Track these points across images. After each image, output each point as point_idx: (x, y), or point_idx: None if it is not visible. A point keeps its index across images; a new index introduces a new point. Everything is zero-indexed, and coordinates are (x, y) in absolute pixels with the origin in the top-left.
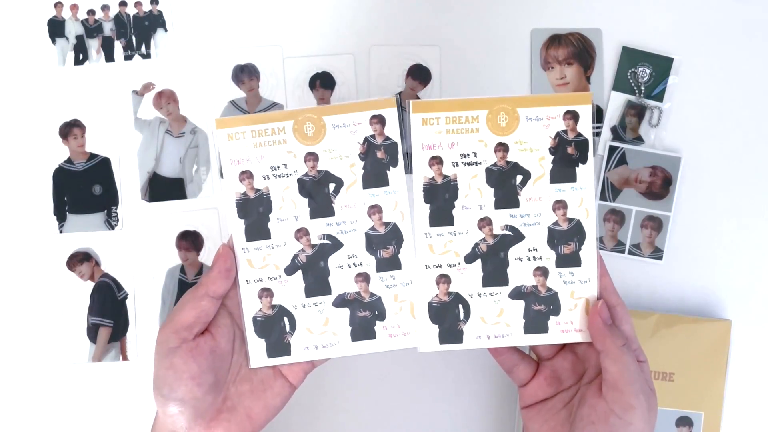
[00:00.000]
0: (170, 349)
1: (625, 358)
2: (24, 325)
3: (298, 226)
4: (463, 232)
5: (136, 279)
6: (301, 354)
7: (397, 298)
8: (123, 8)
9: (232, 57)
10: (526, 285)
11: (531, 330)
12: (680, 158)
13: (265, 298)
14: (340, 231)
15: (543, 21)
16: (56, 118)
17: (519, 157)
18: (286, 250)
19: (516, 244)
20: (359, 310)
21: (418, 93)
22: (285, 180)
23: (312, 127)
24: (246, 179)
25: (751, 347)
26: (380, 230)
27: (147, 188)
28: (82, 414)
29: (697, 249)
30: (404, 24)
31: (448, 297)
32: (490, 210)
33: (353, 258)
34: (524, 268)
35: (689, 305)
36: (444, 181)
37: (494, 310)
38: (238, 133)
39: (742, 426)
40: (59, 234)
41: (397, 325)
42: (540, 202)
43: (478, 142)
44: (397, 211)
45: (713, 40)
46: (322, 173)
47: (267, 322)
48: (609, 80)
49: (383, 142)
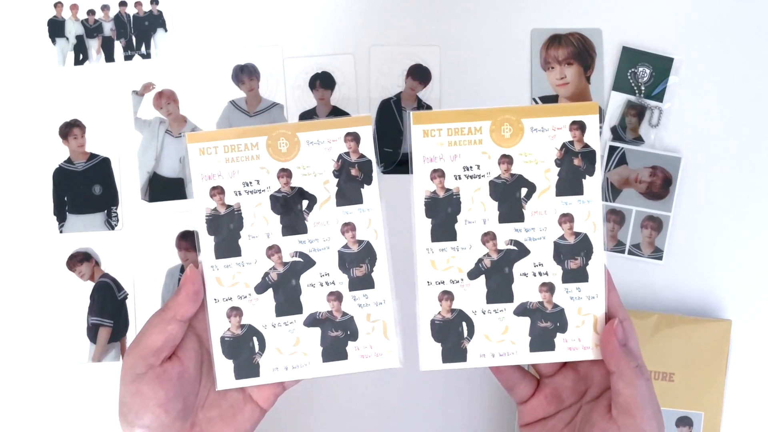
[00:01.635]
0: (137, 375)
1: (639, 382)
2: (24, 325)
3: (270, 243)
4: (467, 247)
5: (136, 279)
6: (270, 375)
7: (369, 318)
8: (123, 8)
9: (232, 57)
10: (532, 301)
11: (537, 348)
12: (680, 158)
13: (234, 317)
14: (312, 249)
15: (543, 21)
16: (56, 118)
17: (524, 169)
18: (257, 267)
19: (521, 259)
20: (331, 329)
21: (417, 93)
22: (257, 196)
23: (286, 143)
24: (217, 195)
25: (751, 347)
26: (353, 248)
27: (147, 188)
28: (82, 414)
29: (697, 249)
30: (404, 24)
31: (451, 314)
32: (494, 224)
33: (325, 276)
34: (530, 283)
35: (689, 305)
36: (446, 194)
37: (499, 327)
38: (210, 148)
39: (742, 426)
40: (59, 234)
41: (370, 346)
42: (545, 216)
43: (481, 154)
44: (370, 229)
45: (713, 40)
46: (296, 189)
47: (235, 342)
48: (609, 80)
49: (357, 159)
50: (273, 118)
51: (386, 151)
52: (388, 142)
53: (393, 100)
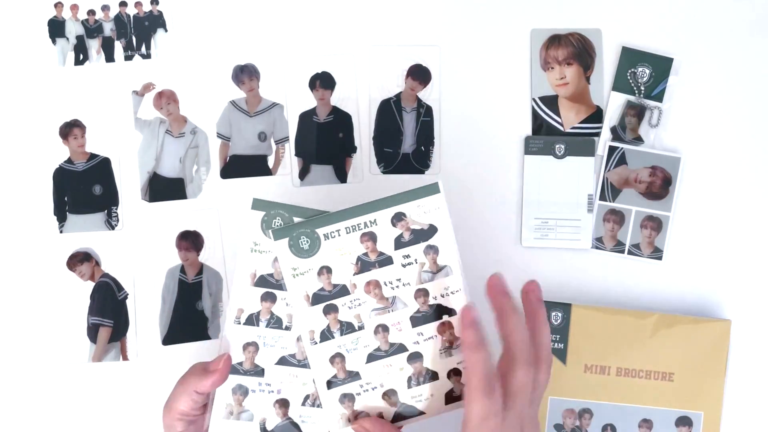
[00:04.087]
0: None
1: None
2: (24, 325)
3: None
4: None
5: (136, 279)
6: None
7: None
8: (123, 8)
9: (232, 57)
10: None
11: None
12: (680, 158)
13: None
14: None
15: (543, 21)
16: (56, 118)
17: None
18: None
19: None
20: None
21: (417, 93)
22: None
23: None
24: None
25: (751, 347)
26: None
27: (147, 188)
28: (82, 414)
29: (696, 249)
30: (404, 24)
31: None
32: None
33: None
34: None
35: (689, 305)
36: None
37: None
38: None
39: (742, 426)
40: (59, 234)
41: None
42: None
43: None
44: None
45: (713, 40)
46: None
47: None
48: (609, 80)
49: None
50: (273, 118)
51: (386, 151)
52: (388, 142)
53: (393, 100)
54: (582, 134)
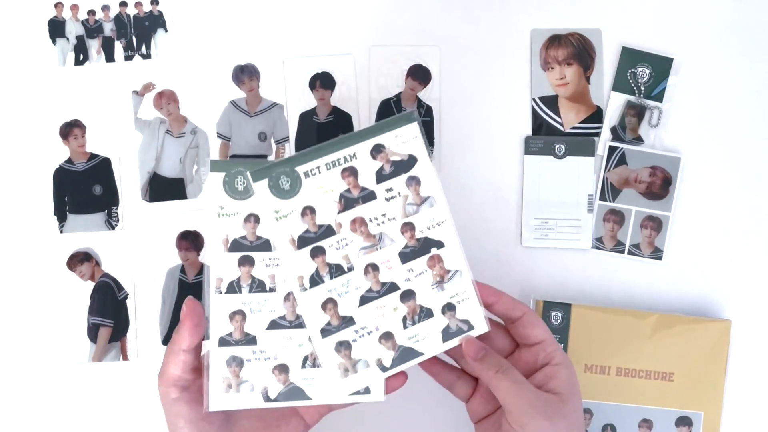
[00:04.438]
0: (173, 399)
1: (504, 384)
2: (24, 325)
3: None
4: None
5: (136, 279)
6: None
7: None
8: (123, 8)
9: (232, 57)
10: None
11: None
12: (680, 158)
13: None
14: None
15: (543, 21)
16: (56, 118)
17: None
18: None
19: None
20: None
21: (417, 93)
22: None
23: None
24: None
25: (751, 347)
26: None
27: (147, 188)
28: (82, 414)
29: (696, 249)
30: (404, 24)
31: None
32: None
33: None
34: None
35: (689, 305)
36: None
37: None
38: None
39: (742, 426)
40: (59, 234)
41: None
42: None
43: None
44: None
45: (713, 40)
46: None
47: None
48: (609, 80)
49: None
50: (273, 118)
51: None
52: None
53: (393, 100)
54: (582, 134)
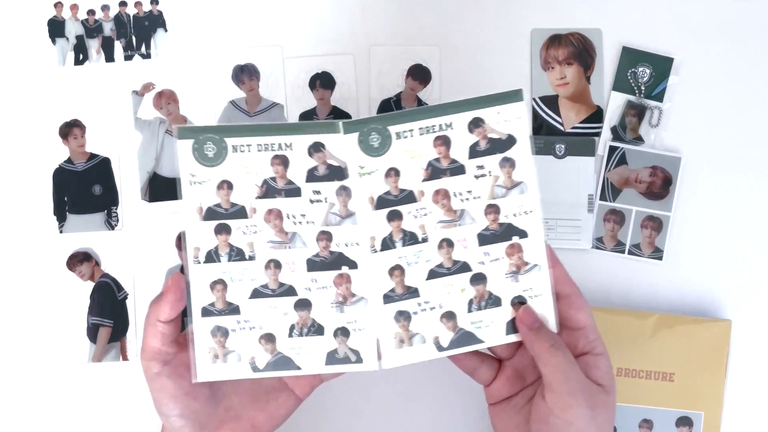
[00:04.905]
0: (155, 374)
1: (555, 359)
2: (24, 325)
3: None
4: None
5: (136, 279)
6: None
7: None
8: (123, 8)
9: (232, 57)
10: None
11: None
12: (680, 158)
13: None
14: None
15: (543, 21)
16: (56, 118)
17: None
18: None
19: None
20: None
21: (417, 93)
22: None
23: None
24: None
25: (751, 347)
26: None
27: (147, 188)
28: (82, 414)
29: (697, 249)
30: (404, 24)
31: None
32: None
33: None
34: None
35: (689, 305)
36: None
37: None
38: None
39: (742, 426)
40: (59, 234)
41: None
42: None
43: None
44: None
45: (713, 40)
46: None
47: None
48: (609, 80)
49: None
50: (273, 118)
51: None
52: None
53: (393, 100)
54: (582, 134)
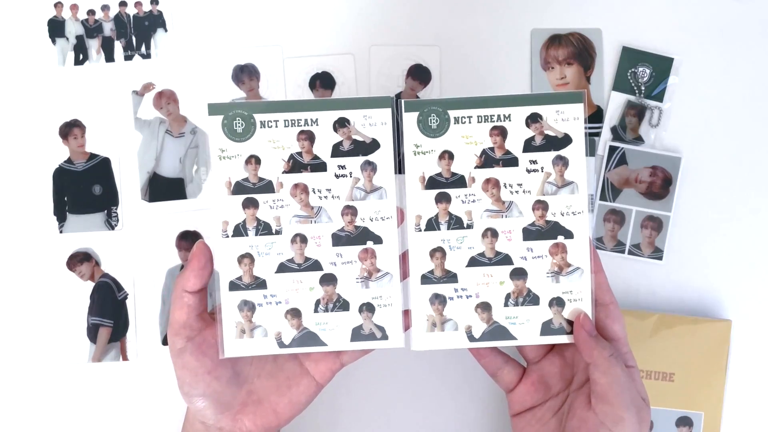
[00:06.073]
0: (179, 350)
1: (614, 370)
2: (24, 325)
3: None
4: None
5: (136, 279)
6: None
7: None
8: (123, 8)
9: (232, 57)
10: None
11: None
12: (680, 158)
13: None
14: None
15: (543, 21)
16: (56, 118)
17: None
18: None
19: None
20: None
21: (418, 93)
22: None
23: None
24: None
25: (751, 347)
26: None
27: (147, 188)
28: (82, 414)
29: (697, 249)
30: (404, 24)
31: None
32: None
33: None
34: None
35: (689, 305)
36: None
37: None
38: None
39: (742, 426)
40: (59, 234)
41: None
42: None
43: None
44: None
45: (713, 40)
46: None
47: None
48: (609, 80)
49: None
50: None
51: None
52: None
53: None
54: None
